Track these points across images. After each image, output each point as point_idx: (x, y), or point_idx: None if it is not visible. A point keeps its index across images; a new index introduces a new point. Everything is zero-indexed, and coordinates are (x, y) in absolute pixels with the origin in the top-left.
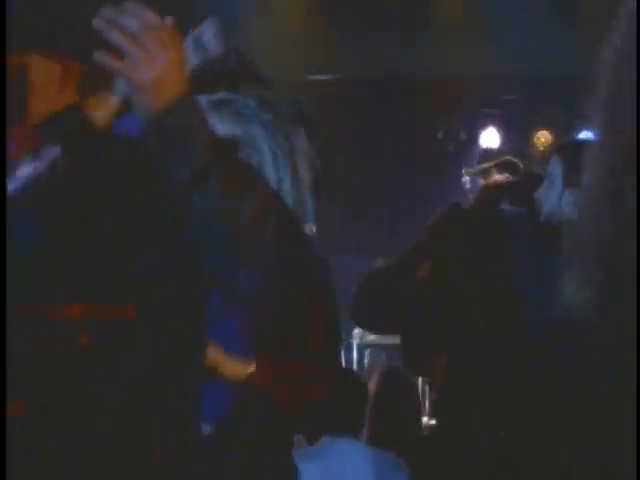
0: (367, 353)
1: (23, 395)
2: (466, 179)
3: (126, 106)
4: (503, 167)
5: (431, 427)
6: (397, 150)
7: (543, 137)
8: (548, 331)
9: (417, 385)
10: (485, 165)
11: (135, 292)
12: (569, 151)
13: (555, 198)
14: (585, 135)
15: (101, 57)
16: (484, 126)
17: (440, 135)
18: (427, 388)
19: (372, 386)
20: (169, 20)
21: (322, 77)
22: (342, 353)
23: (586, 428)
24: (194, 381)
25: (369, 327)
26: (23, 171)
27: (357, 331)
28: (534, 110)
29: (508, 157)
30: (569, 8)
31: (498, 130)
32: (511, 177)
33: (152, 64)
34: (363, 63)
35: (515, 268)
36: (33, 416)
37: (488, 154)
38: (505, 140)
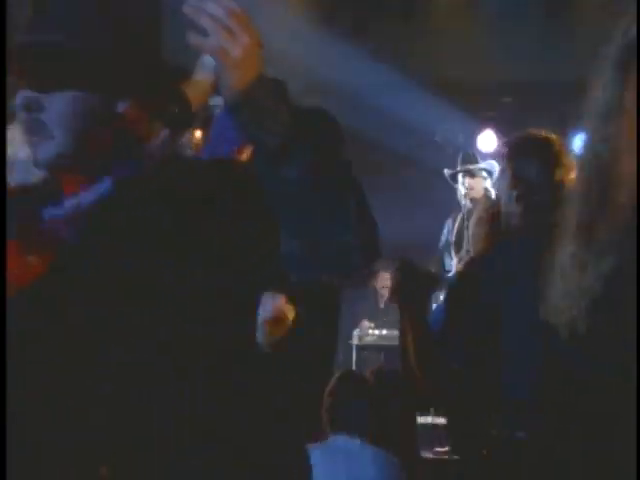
0: (365, 354)
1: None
2: (463, 182)
3: (216, 87)
4: (482, 171)
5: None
6: (396, 152)
7: None
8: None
9: (410, 385)
10: (465, 167)
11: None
12: (510, 148)
13: (504, 194)
14: (578, 138)
15: (193, 39)
16: (481, 129)
17: (438, 137)
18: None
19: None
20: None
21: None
22: (341, 354)
23: (585, 425)
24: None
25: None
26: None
27: (356, 332)
28: (532, 113)
29: (487, 162)
30: (568, 11)
31: (495, 132)
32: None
33: (237, 45)
34: (361, 65)
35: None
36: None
37: (468, 157)
38: (502, 142)
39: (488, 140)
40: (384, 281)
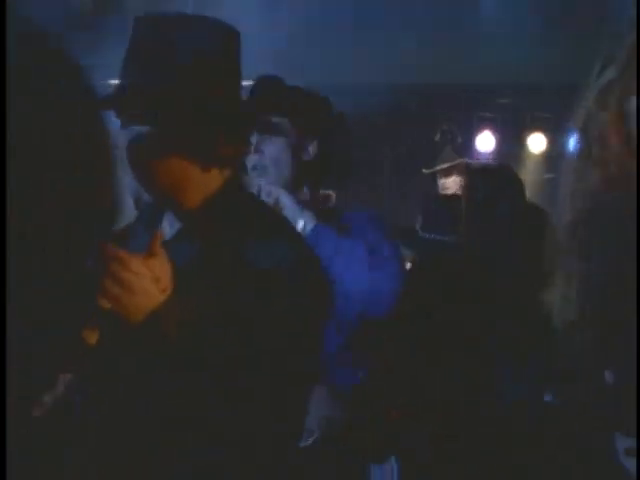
0: None
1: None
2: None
3: None
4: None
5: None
6: (395, 153)
7: (538, 141)
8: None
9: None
10: (443, 165)
11: None
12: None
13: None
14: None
15: (104, 303)
16: (480, 129)
17: (437, 138)
18: None
19: None
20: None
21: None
22: None
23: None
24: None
25: None
26: None
27: None
28: (530, 114)
29: (464, 160)
30: (567, 13)
31: (493, 133)
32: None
33: (131, 295)
34: (361, 67)
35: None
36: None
37: (448, 154)
38: (500, 143)
39: (486, 141)
40: None
